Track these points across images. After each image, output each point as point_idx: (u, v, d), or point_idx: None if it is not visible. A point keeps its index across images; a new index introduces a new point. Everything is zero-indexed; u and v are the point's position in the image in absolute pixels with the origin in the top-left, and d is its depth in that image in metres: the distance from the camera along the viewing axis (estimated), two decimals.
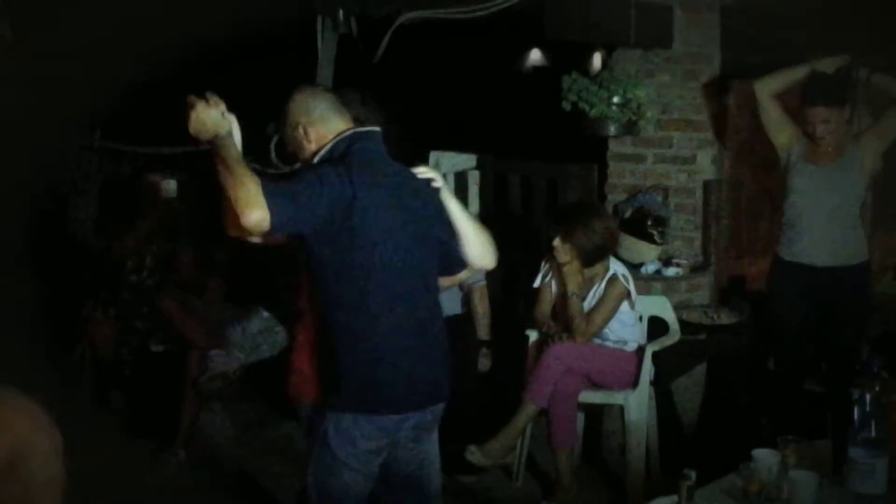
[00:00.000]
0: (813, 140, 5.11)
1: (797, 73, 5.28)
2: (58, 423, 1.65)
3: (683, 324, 5.55)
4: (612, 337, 5.19)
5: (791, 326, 5.19)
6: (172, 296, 5.51)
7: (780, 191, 5.44)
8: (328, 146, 3.35)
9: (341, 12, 5.98)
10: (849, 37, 5.55)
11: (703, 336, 5.63)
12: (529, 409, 5.01)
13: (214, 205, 6.21)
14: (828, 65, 5.26)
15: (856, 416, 3.23)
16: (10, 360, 5.73)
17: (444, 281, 3.50)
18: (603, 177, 6.25)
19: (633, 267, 5.65)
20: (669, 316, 5.54)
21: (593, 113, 5.82)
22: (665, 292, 5.74)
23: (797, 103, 5.25)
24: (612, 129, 5.91)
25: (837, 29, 5.59)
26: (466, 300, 5.38)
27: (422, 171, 3.44)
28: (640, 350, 5.22)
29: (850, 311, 5.13)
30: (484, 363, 5.31)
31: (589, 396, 5.15)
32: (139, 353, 5.75)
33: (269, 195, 3.01)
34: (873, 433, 3.18)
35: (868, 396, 3.25)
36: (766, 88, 5.31)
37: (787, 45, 5.85)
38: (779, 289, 5.24)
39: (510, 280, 6.17)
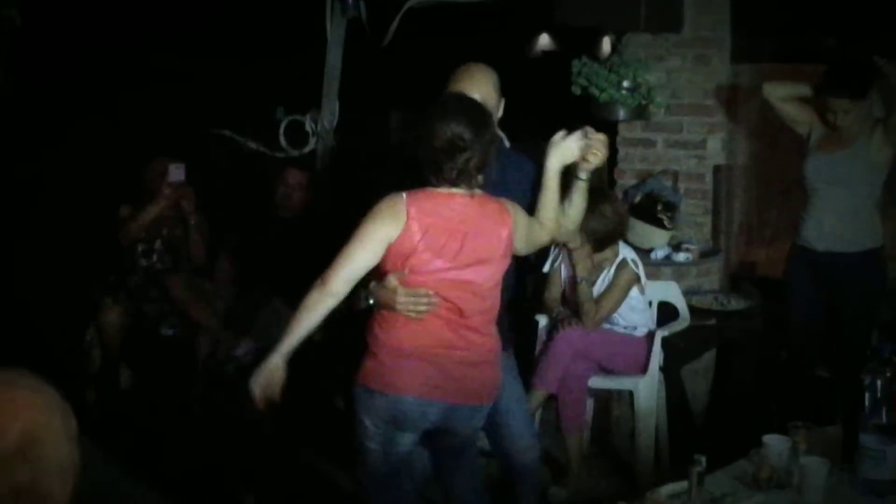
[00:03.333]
0: (830, 127, 5.09)
1: (802, 90, 5.22)
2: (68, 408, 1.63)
3: (693, 309, 5.54)
4: (621, 322, 5.18)
5: (802, 311, 5.18)
6: (182, 278, 5.51)
7: (792, 175, 5.42)
8: None
9: None
10: (859, 19, 5.54)
11: (712, 322, 5.62)
12: (539, 395, 5.01)
13: (223, 188, 6.23)
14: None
15: (867, 403, 3.23)
16: (18, 344, 5.79)
17: None
18: (613, 162, 6.23)
19: (643, 252, 5.65)
20: (679, 301, 5.53)
21: (603, 97, 5.80)
22: (675, 278, 5.73)
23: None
24: (621, 114, 5.90)
25: (849, 10, 5.57)
26: None
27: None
28: (650, 335, 5.21)
29: (859, 297, 5.12)
30: None
31: (598, 382, 5.15)
32: (149, 337, 5.76)
33: None
34: (884, 419, 3.18)
35: (879, 382, 3.25)
36: (774, 93, 5.26)
37: (798, 29, 5.83)
38: (791, 273, 5.24)
39: (520, 265, 6.16)
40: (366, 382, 3.46)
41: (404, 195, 3.42)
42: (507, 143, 3.96)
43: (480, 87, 3.74)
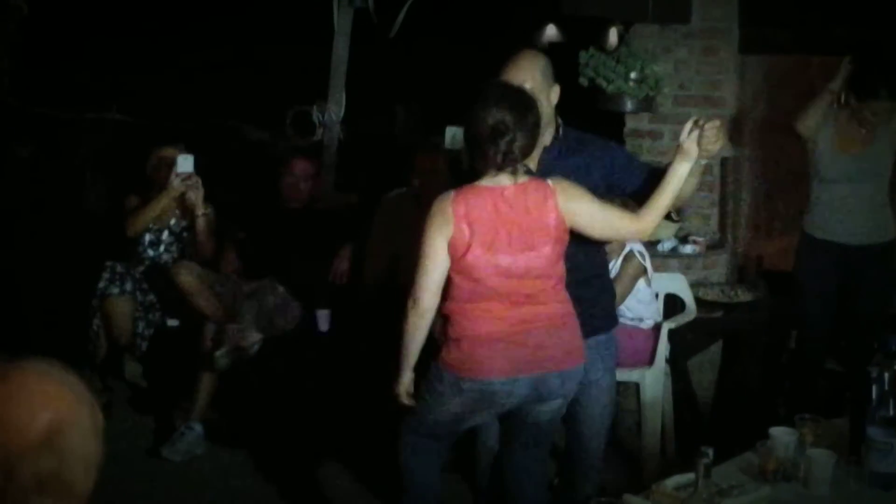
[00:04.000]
0: (863, 126, 5.05)
1: (824, 99, 5.19)
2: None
3: (700, 301, 5.53)
4: (628, 314, 5.17)
5: (816, 304, 5.17)
6: (189, 269, 5.50)
7: (799, 167, 5.40)
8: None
9: None
10: (867, 8, 5.52)
11: (719, 314, 5.61)
12: None
13: (230, 180, 6.23)
14: (838, 82, 5.18)
15: (874, 395, 3.22)
16: (24, 333, 5.80)
17: None
18: None
19: (650, 244, 5.63)
20: (686, 294, 5.52)
21: (610, 89, 5.79)
22: (682, 270, 5.72)
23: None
24: (629, 105, 5.88)
25: (857, 2, 5.55)
26: None
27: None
28: (657, 328, 5.21)
29: (873, 288, 5.12)
30: None
31: None
32: (155, 327, 5.76)
33: None
34: (891, 412, 3.17)
35: (886, 375, 3.24)
36: (807, 124, 5.20)
37: (807, 20, 5.81)
38: (805, 265, 5.23)
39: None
40: (454, 371, 3.58)
41: (451, 194, 3.56)
42: (560, 131, 3.91)
43: (526, 73, 3.75)
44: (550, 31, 9.74)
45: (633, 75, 5.80)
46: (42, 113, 7.63)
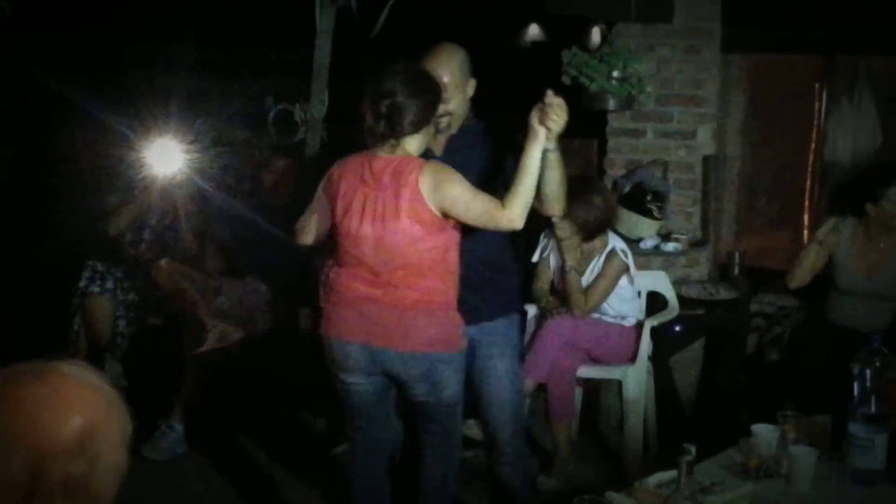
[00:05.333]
0: (878, 241, 4.99)
1: (812, 250, 5.06)
2: None
3: (682, 299, 5.54)
4: (610, 312, 5.18)
5: (811, 361, 5.05)
6: (170, 267, 5.48)
7: (781, 165, 5.39)
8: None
9: None
10: (848, 8, 5.54)
11: (701, 311, 5.62)
12: (528, 384, 5.00)
13: (212, 177, 6.19)
14: (825, 230, 5.06)
15: (855, 392, 3.22)
16: (3, 332, 5.76)
17: None
18: (602, 151, 6.23)
19: (632, 242, 5.64)
20: (668, 291, 5.53)
21: (593, 87, 5.79)
22: (664, 267, 5.72)
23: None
24: (611, 104, 5.89)
25: (839, 3, 5.57)
26: None
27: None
28: (639, 325, 5.21)
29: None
30: None
31: (587, 371, 5.15)
32: (136, 326, 5.73)
33: None
34: (873, 409, 3.17)
35: (868, 372, 3.24)
36: (802, 278, 5.09)
37: (789, 20, 5.83)
38: (811, 335, 5.13)
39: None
40: (317, 329, 3.89)
41: (338, 161, 3.78)
42: (472, 122, 4.00)
43: (444, 66, 3.83)
44: (533, 31, 9.74)
45: (615, 74, 5.80)
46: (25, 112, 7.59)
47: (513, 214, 3.58)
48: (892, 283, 4.96)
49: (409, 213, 3.58)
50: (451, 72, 3.84)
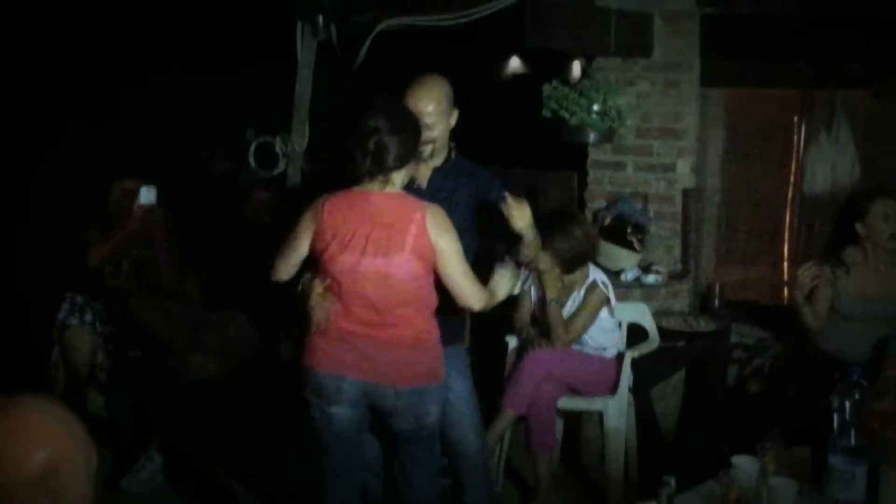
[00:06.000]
0: (875, 263, 4.97)
1: (797, 301, 4.98)
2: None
3: (662, 331, 5.55)
4: (591, 344, 5.18)
5: (797, 391, 5.03)
6: (149, 299, 5.47)
7: (760, 197, 5.40)
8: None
9: (321, 18, 5.96)
10: (826, 42, 5.59)
11: (682, 343, 5.63)
12: (508, 416, 5.00)
13: (193, 211, 6.19)
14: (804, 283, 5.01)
15: (835, 424, 3.23)
16: None
17: None
18: (583, 184, 6.25)
19: (613, 274, 5.66)
20: (648, 323, 5.54)
21: (573, 121, 5.82)
22: (644, 299, 5.74)
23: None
24: (591, 137, 5.92)
25: (816, 34, 5.61)
26: None
27: None
28: (620, 357, 5.21)
29: None
30: None
31: (568, 403, 5.15)
32: (115, 358, 5.71)
33: None
34: (853, 441, 3.17)
35: (847, 404, 3.25)
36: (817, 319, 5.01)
37: (767, 54, 5.88)
38: (801, 364, 5.10)
39: None
40: (299, 359, 3.87)
41: (326, 196, 3.77)
42: (453, 155, 4.12)
43: (430, 95, 3.96)
44: (514, 64, 9.78)
45: (595, 108, 5.84)
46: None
47: (473, 305, 3.83)
48: (890, 306, 4.94)
49: (414, 248, 3.67)
50: (435, 100, 3.95)
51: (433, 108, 3.93)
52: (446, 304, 3.90)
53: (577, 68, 6.63)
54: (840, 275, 4.96)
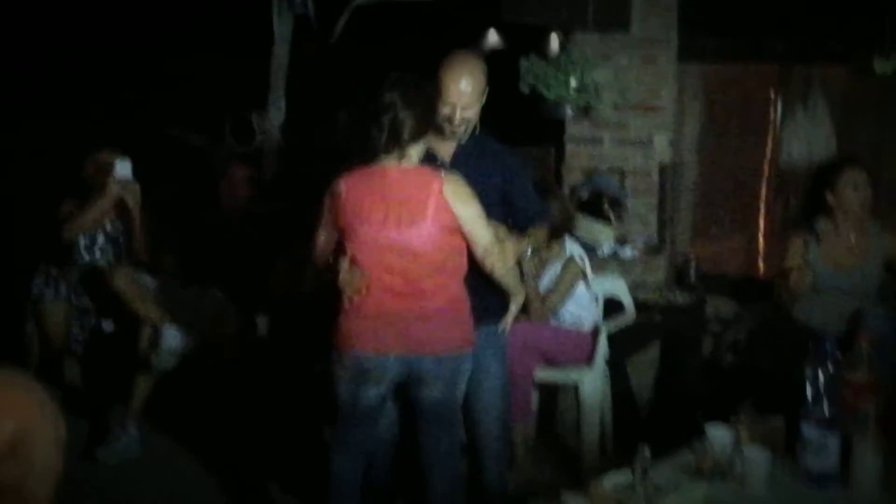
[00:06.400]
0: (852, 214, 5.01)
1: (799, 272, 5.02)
2: None
3: (638, 304, 5.57)
4: (568, 317, 5.20)
5: (769, 359, 5.07)
6: (124, 272, 5.44)
7: (735, 172, 5.42)
8: None
9: None
10: (803, 18, 5.60)
11: (657, 316, 5.65)
12: None
13: (168, 184, 6.17)
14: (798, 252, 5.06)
15: (809, 394, 3.24)
16: None
17: None
18: (560, 159, 6.25)
19: (590, 248, 5.67)
20: (625, 296, 5.56)
21: (551, 96, 5.81)
22: (621, 273, 5.76)
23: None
24: (569, 112, 5.91)
25: (793, 10, 5.63)
26: None
27: None
28: (596, 329, 5.23)
29: None
30: None
31: (544, 374, 5.16)
32: (91, 331, 5.69)
33: None
34: (826, 411, 3.19)
35: (821, 375, 3.26)
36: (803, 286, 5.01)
37: (744, 30, 5.89)
38: (778, 337, 5.12)
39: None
40: (336, 344, 3.83)
41: (343, 175, 3.81)
42: (477, 131, 4.09)
43: (466, 72, 3.92)
44: (492, 38, 9.76)
45: (573, 83, 5.82)
46: None
47: (495, 264, 3.88)
48: (861, 279, 4.99)
49: (435, 218, 3.70)
50: (477, 81, 3.94)
51: (472, 88, 3.91)
52: (485, 281, 3.92)
53: (554, 43, 6.63)
54: (812, 245, 5.00)
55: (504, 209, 4.09)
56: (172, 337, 5.27)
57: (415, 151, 3.76)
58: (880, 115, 6.29)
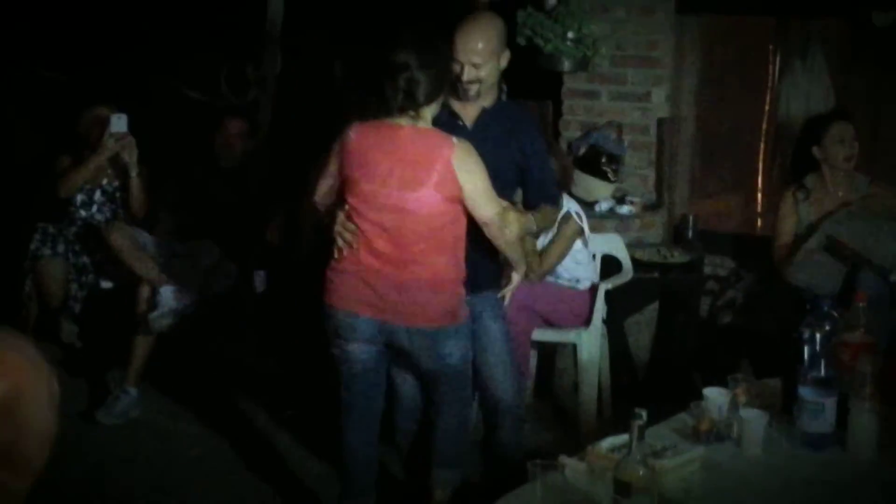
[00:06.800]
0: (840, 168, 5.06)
1: (787, 226, 5.18)
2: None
3: (636, 262, 5.55)
4: (565, 275, 5.18)
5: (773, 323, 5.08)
6: (122, 229, 5.43)
7: (736, 127, 5.39)
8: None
9: None
10: None
11: (655, 275, 5.64)
12: None
13: (163, 138, 6.13)
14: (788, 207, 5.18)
15: (805, 356, 3.25)
16: None
17: None
18: (557, 113, 6.22)
19: (587, 205, 5.65)
20: (622, 254, 5.54)
21: (548, 48, 5.78)
22: (618, 230, 5.73)
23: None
24: (566, 65, 5.88)
25: None
26: None
27: None
28: (594, 288, 5.22)
29: None
30: None
31: (542, 334, 5.16)
32: (88, 289, 5.68)
33: None
34: (823, 373, 3.20)
35: (818, 336, 3.27)
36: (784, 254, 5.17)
37: None
38: (765, 303, 5.16)
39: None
40: (322, 296, 3.82)
41: (356, 124, 3.74)
42: (504, 97, 4.03)
43: (482, 33, 3.88)
44: None
45: (570, 35, 5.78)
46: None
47: (496, 236, 3.82)
48: (853, 233, 5.00)
49: (438, 184, 3.64)
50: (487, 38, 3.88)
51: (483, 46, 3.85)
52: (482, 250, 3.90)
53: None
54: (800, 200, 5.03)
55: (515, 176, 4.06)
56: (170, 296, 5.26)
57: (429, 112, 3.71)
58: (879, 68, 6.26)
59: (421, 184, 3.64)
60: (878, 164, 5.99)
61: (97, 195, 5.75)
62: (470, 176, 3.67)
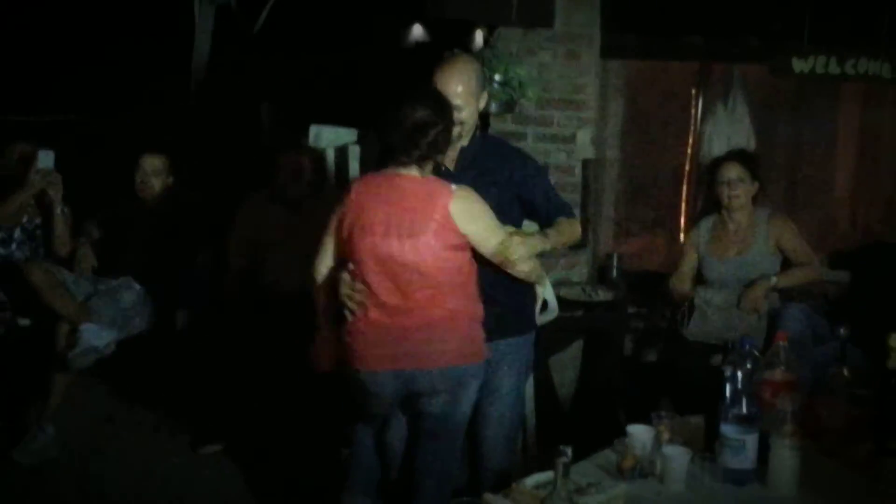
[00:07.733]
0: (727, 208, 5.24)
1: (687, 256, 5.45)
2: None
3: (561, 301, 5.56)
4: None
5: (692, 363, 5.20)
6: (41, 266, 5.34)
7: (658, 170, 5.50)
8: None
9: None
10: (723, 16, 5.68)
11: (580, 313, 5.67)
12: None
13: (88, 176, 6.07)
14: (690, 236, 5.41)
15: (727, 393, 3.28)
16: None
17: None
18: None
19: None
20: (548, 293, 5.55)
21: None
22: (544, 269, 5.75)
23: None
24: (493, 107, 5.91)
25: (713, 8, 5.70)
26: None
27: None
28: None
29: None
30: None
31: None
32: (6, 326, 5.58)
33: None
34: (744, 410, 3.23)
35: (739, 373, 3.31)
36: (683, 283, 5.42)
37: (665, 28, 5.94)
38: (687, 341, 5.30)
39: None
40: (343, 358, 3.81)
41: (355, 179, 3.83)
42: (478, 133, 4.04)
43: (460, 76, 3.88)
44: (416, 31, 9.74)
45: (497, 77, 5.82)
46: None
47: (506, 265, 3.80)
48: (740, 267, 5.22)
49: (437, 232, 3.62)
50: (466, 81, 3.88)
51: (462, 89, 3.85)
52: (503, 293, 3.89)
53: (479, 38, 6.63)
54: (701, 239, 5.19)
55: (520, 206, 4.03)
56: (90, 334, 5.18)
57: (430, 165, 3.73)
58: (798, 112, 6.41)
59: (420, 232, 3.62)
60: (798, 203, 6.13)
61: (17, 233, 5.67)
62: (471, 221, 3.68)
